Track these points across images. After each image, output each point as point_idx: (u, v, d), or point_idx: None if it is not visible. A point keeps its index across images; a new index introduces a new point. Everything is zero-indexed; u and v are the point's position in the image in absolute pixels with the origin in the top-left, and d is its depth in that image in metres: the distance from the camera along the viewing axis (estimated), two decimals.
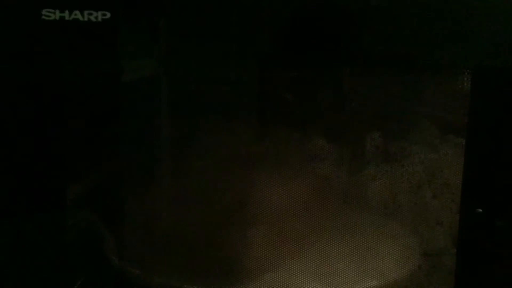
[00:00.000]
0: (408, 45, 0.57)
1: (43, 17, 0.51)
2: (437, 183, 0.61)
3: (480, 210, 0.57)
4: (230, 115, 0.64)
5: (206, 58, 0.55)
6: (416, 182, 0.62)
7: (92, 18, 0.51)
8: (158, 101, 0.65)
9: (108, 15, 0.51)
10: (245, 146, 0.65)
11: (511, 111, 0.56)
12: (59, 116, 0.56)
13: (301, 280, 0.61)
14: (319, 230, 0.62)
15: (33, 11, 0.51)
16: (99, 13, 0.51)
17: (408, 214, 0.63)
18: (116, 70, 0.58)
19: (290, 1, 0.54)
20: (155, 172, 0.65)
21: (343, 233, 0.62)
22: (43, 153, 0.56)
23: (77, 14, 0.51)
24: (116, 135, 0.62)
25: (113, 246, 0.63)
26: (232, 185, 0.65)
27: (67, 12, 0.51)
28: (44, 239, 0.57)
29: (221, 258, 0.62)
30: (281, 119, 0.64)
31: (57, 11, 0.51)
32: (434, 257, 0.61)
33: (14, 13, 0.52)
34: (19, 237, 0.57)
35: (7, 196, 0.56)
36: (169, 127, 0.66)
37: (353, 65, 0.60)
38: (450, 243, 0.59)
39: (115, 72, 0.58)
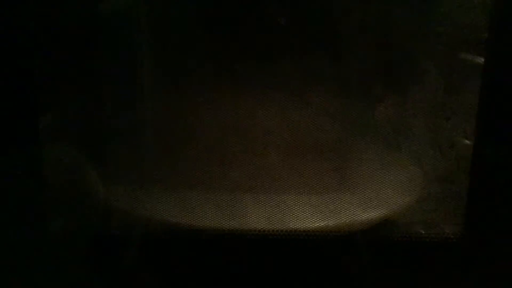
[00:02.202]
0: None
1: None
2: (451, 105, 0.56)
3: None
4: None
5: None
6: (429, 104, 0.57)
7: None
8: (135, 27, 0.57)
9: None
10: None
11: None
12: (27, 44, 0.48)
13: (304, 211, 0.56)
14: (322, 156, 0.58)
15: None
16: None
17: (417, 138, 0.58)
18: None
19: None
20: (137, 98, 0.59)
21: (350, 158, 0.57)
22: (14, 85, 0.49)
23: None
24: (92, 60, 0.55)
25: (97, 180, 0.57)
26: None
27: None
28: (20, 179, 0.51)
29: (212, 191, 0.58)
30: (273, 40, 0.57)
31: None
32: (446, 183, 0.57)
33: None
34: None
35: None
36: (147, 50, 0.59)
37: None
38: (463, 170, 0.55)
39: None
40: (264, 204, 0.57)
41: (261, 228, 0.56)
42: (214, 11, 0.57)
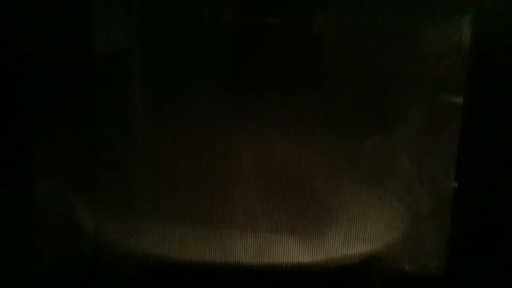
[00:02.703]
0: None
1: None
2: (433, 144, 0.58)
3: (456, 185, 0.55)
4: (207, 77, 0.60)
5: None
6: (411, 143, 0.59)
7: None
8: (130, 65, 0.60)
9: None
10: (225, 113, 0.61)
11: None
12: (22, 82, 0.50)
13: (290, 245, 0.58)
14: (308, 193, 0.59)
15: None
16: None
17: (401, 175, 0.60)
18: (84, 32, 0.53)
19: None
20: (128, 135, 0.61)
21: (333, 195, 0.59)
22: (7, 121, 0.51)
23: None
24: (85, 98, 0.57)
25: (87, 214, 0.59)
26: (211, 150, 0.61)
27: None
28: (12, 213, 0.53)
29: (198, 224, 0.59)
30: (262, 77, 0.59)
31: None
32: (429, 220, 0.58)
33: None
34: None
35: None
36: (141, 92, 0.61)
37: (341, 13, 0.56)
38: (446, 207, 0.56)
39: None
40: (252, 239, 0.59)
41: (248, 262, 0.57)
42: (207, 55, 0.59)
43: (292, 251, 0.58)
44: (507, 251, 0.56)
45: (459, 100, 0.55)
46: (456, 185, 0.55)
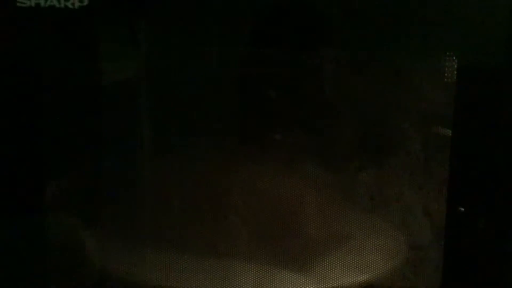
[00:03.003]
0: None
1: (18, 3, 0.49)
2: (424, 175, 0.60)
3: (463, 209, 0.56)
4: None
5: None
6: (403, 174, 0.61)
7: (69, 4, 0.49)
8: (139, 99, 0.63)
9: (86, 1, 0.49)
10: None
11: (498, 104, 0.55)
12: (34, 112, 0.54)
13: (285, 275, 0.59)
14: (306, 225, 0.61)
15: None
16: None
17: (394, 207, 0.62)
18: (95, 62, 0.56)
19: None
20: (136, 170, 0.64)
21: (330, 226, 0.61)
22: (19, 154, 0.54)
23: (53, 1, 0.49)
24: (93, 134, 0.60)
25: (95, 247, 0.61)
26: (217, 187, 0.63)
27: None
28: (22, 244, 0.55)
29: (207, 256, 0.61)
30: (265, 118, 0.63)
31: None
32: (423, 248, 0.60)
33: None
34: None
35: None
36: (151, 126, 0.64)
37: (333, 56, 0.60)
38: (438, 236, 0.58)
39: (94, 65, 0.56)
40: (252, 270, 0.60)
41: None
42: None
43: (290, 281, 0.60)
44: (503, 278, 0.57)
45: (448, 131, 0.57)
46: (462, 209, 0.57)
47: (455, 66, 0.56)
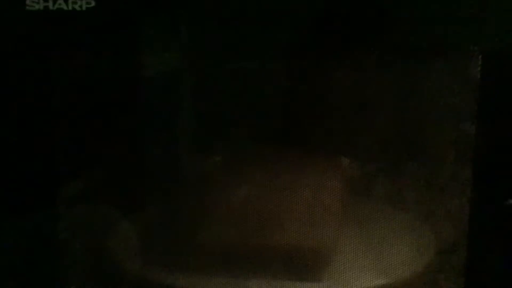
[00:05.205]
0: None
1: (28, 7, 0.50)
2: (445, 175, 0.57)
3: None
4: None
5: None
6: (424, 175, 0.59)
7: (77, 7, 0.50)
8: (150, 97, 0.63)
9: (93, 3, 0.50)
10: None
11: None
12: (47, 113, 0.54)
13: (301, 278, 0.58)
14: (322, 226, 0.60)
15: (18, 1, 0.50)
16: (84, 1, 0.50)
17: (415, 209, 0.59)
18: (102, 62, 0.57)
19: None
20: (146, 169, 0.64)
21: (347, 229, 0.59)
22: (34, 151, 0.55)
23: (61, 4, 0.50)
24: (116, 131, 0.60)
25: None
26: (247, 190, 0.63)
27: (51, 1, 0.50)
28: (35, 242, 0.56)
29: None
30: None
31: (41, 1, 0.50)
32: (445, 253, 0.57)
33: None
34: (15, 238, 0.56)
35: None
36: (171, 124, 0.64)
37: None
38: (461, 239, 0.56)
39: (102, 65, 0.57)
40: (266, 277, 0.59)
41: None
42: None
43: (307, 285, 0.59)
44: None
45: (472, 130, 0.55)
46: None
47: (479, 61, 0.54)
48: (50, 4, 0.50)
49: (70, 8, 0.50)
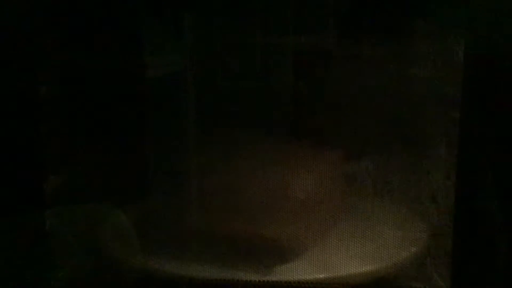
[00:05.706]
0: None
1: None
2: (431, 159, 0.58)
3: None
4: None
5: None
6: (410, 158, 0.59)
7: None
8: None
9: None
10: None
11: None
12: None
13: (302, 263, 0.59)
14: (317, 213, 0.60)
15: None
16: None
17: (402, 192, 0.60)
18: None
19: None
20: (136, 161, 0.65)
21: (342, 214, 0.60)
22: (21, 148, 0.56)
23: None
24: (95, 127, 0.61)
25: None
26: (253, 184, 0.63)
27: None
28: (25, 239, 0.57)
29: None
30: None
31: None
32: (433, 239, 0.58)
33: None
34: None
35: None
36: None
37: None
38: (447, 225, 0.56)
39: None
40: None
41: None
42: None
43: (303, 269, 0.59)
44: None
45: (456, 113, 0.55)
46: None
47: (462, 47, 0.53)
48: None
49: None
